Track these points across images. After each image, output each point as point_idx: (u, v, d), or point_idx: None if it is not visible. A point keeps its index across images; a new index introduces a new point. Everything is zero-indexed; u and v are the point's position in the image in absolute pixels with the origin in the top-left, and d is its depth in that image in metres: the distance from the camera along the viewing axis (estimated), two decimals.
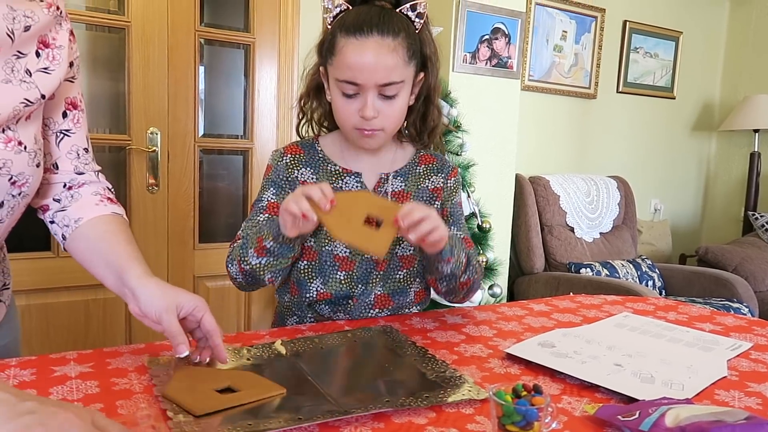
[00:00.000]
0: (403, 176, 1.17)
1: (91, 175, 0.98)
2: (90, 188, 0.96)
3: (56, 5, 0.88)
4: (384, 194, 1.15)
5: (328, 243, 1.13)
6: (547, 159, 3.49)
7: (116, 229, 0.93)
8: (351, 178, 1.14)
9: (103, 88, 2.30)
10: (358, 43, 0.99)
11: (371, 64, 1.00)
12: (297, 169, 1.14)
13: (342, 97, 1.05)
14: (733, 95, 4.18)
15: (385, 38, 1.00)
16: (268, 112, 2.53)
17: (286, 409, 0.73)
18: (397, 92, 1.04)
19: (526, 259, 3.13)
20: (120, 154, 2.29)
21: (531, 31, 3.30)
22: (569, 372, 0.87)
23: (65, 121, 0.94)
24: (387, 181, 1.16)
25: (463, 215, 1.24)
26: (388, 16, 1.02)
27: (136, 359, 0.88)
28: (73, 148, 0.95)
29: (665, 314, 1.28)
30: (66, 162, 0.95)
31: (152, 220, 2.32)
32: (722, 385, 0.87)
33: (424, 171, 1.19)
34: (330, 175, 1.14)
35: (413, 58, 1.04)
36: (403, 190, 1.16)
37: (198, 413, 0.70)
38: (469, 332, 1.09)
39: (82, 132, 0.96)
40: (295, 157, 1.15)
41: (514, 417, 0.62)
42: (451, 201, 1.20)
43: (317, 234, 1.12)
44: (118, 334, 2.29)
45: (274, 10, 2.47)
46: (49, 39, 0.87)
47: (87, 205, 0.94)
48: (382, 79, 1.01)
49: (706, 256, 3.40)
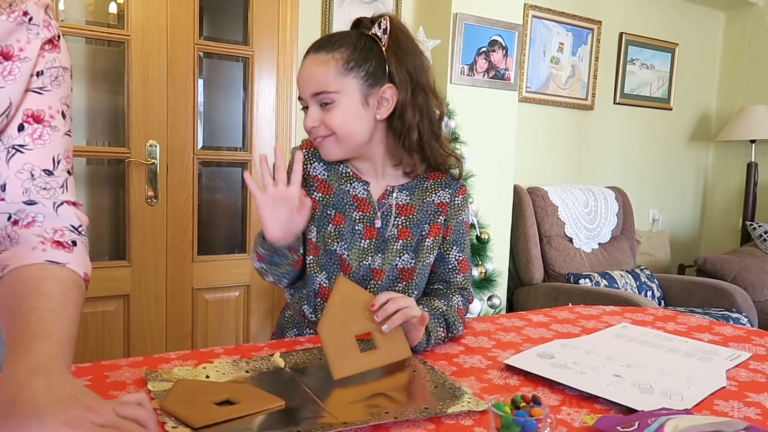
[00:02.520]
0: (409, 190, 1.18)
1: (45, 208, 0.77)
2: (35, 229, 0.75)
3: (23, 11, 0.74)
4: (388, 206, 1.16)
5: (331, 242, 1.14)
6: (545, 170, 3.50)
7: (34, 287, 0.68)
8: (359, 184, 1.16)
9: (103, 101, 2.31)
10: (307, 61, 1.11)
11: (306, 78, 1.09)
12: (311, 163, 1.16)
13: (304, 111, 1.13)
14: (729, 106, 4.20)
15: (318, 54, 1.08)
16: (266, 124, 2.54)
17: (284, 421, 0.73)
18: (333, 101, 1.07)
19: (525, 269, 3.13)
20: (119, 167, 2.30)
21: (528, 43, 3.33)
22: (568, 383, 0.87)
23: (20, 135, 0.76)
24: (392, 194, 1.17)
25: (466, 235, 1.23)
26: (339, 36, 1.11)
27: (134, 372, 0.88)
28: (26, 167, 0.76)
29: (664, 324, 1.28)
30: (15, 184, 0.76)
31: (151, 232, 2.32)
32: (721, 396, 0.87)
33: (431, 186, 1.20)
34: (340, 176, 1.16)
35: (353, 70, 1.07)
36: (408, 203, 1.17)
37: (197, 425, 0.69)
38: (467, 343, 1.09)
39: (43, 150, 0.78)
40: (309, 151, 1.17)
41: (513, 428, 0.62)
42: (455, 219, 1.20)
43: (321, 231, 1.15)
44: (117, 347, 2.28)
45: (273, 23, 2.49)
46: (14, 50, 0.74)
47: (21, 250, 0.72)
48: (314, 89, 1.08)
49: (705, 266, 3.40)
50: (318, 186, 1.16)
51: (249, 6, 2.46)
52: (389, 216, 1.16)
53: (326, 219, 1.15)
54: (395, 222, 1.16)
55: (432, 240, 1.17)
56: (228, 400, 0.77)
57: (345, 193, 1.16)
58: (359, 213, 1.15)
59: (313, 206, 1.14)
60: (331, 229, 1.15)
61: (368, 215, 1.15)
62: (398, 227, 1.16)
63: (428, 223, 1.17)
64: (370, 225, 1.15)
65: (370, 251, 1.15)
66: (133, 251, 2.29)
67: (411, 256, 1.16)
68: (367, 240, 1.15)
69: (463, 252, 1.21)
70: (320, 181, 1.16)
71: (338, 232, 1.15)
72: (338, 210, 1.15)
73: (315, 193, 1.16)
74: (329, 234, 1.15)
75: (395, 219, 1.16)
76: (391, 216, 1.16)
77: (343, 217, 1.15)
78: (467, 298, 1.20)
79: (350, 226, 1.15)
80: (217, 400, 0.77)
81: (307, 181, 1.16)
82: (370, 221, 1.15)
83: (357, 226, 1.15)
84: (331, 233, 1.14)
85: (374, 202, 1.16)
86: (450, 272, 1.20)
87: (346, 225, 1.15)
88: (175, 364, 0.92)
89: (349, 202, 1.15)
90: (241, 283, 2.53)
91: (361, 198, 1.16)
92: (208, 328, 2.47)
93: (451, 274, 1.20)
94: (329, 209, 1.15)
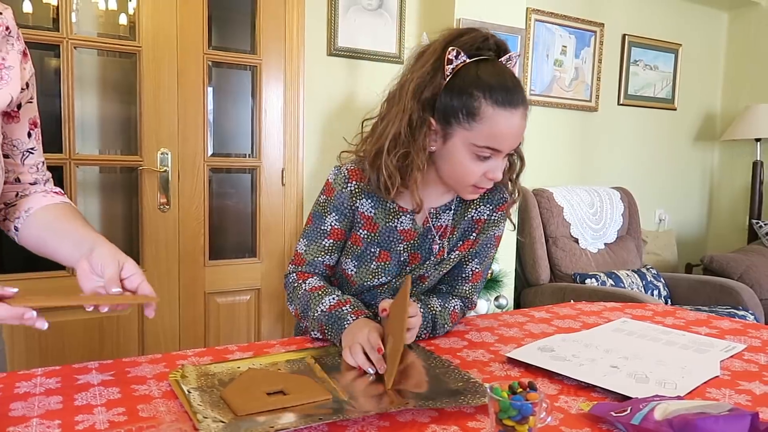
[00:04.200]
0: (451, 209, 1.17)
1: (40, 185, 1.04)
2: (38, 188, 1.03)
3: (5, 25, 0.91)
4: (432, 228, 1.16)
5: (371, 278, 1.17)
6: (550, 171, 3.53)
7: (67, 212, 0.99)
8: (405, 217, 1.14)
9: (115, 111, 2.37)
10: (509, 116, 1.00)
11: (515, 134, 1.02)
12: (359, 199, 1.14)
13: (473, 160, 1.04)
14: (734, 105, 4.21)
15: (521, 109, 1.02)
16: (275, 131, 2.59)
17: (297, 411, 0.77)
18: None
19: (531, 270, 3.16)
20: (132, 175, 2.36)
21: (531, 47, 3.37)
22: (567, 373, 0.91)
23: (30, 141, 1.01)
24: (436, 217, 1.17)
25: (493, 248, 1.22)
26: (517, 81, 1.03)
27: (153, 368, 0.92)
28: (35, 163, 1.03)
29: (663, 319, 1.31)
30: (27, 176, 1.02)
31: (164, 238, 2.38)
32: (714, 384, 0.91)
33: (474, 201, 1.17)
34: (387, 212, 1.14)
35: None
36: (452, 225, 1.17)
37: (240, 413, 0.74)
38: (471, 338, 1.13)
39: (40, 147, 1.04)
40: (359, 185, 1.13)
41: (510, 412, 0.66)
42: (486, 234, 1.18)
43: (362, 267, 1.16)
44: (132, 350, 2.34)
45: (280, 32, 2.55)
46: None
47: (34, 198, 1.01)
48: (516, 144, 1.05)
49: (711, 265, 3.42)
50: (364, 223, 1.14)
51: (256, 15, 2.52)
52: (432, 239, 1.16)
53: (370, 257, 1.16)
54: (439, 245, 1.17)
55: (458, 254, 1.18)
56: (282, 390, 0.82)
57: (392, 230, 1.14)
58: (404, 244, 1.15)
59: (357, 243, 1.15)
60: (374, 266, 1.16)
61: (413, 243, 1.16)
62: (439, 249, 1.16)
63: (462, 240, 1.18)
64: (415, 252, 1.17)
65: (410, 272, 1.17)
66: (147, 257, 2.35)
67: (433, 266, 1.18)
68: (410, 266, 1.17)
69: (482, 264, 1.20)
70: (367, 219, 1.14)
71: (382, 269, 1.16)
72: (384, 248, 1.15)
73: (361, 231, 1.15)
74: (372, 271, 1.16)
75: (439, 242, 1.16)
76: (435, 239, 1.16)
77: (390, 253, 1.16)
78: (467, 305, 1.21)
79: (396, 259, 1.16)
80: (271, 390, 0.81)
81: (354, 218, 1.15)
82: (415, 248, 1.16)
83: (402, 256, 1.16)
84: (374, 270, 1.16)
85: (419, 229, 1.16)
86: (461, 280, 1.20)
87: (392, 260, 1.16)
88: (191, 361, 0.97)
89: (396, 238, 1.15)
90: (252, 286, 2.58)
91: (407, 229, 1.15)
92: (220, 331, 2.52)
93: (460, 282, 1.20)
94: (373, 247, 1.15)
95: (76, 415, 0.75)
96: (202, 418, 0.72)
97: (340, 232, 1.16)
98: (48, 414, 0.75)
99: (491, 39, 1.04)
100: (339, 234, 1.16)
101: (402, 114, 1.05)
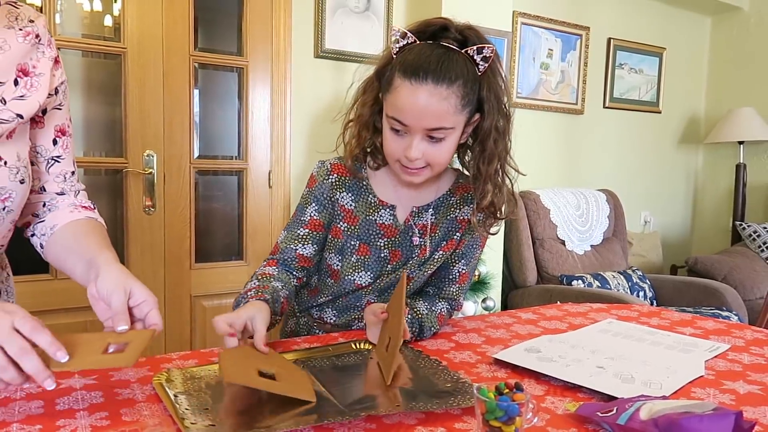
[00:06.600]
0: (435, 208, 1.18)
1: (69, 196, 1.01)
2: (66, 200, 1.00)
3: (35, 33, 0.91)
4: (413, 226, 1.17)
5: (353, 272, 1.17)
6: (536, 174, 3.55)
7: (88, 229, 0.96)
8: (386, 211, 1.16)
9: (100, 112, 2.35)
10: (412, 88, 0.99)
11: (420, 110, 1.00)
12: (339, 191, 1.16)
13: (390, 131, 1.06)
14: (717, 108, 4.26)
15: (438, 86, 0.98)
16: (261, 133, 2.58)
17: (283, 413, 0.76)
18: (445, 136, 1.03)
19: (518, 272, 3.17)
20: (117, 177, 2.34)
21: (517, 50, 3.38)
22: (553, 374, 0.91)
23: (56, 148, 0.98)
24: (418, 215, 1.17)
25: (478, 249, 1.22)
26: (447, 61, 1.00)
27: (137, 371, 0.91)
28: (62, 172, 1.00)
29: (648, 320, 1.32)
30: (53, 185, 0.99)
31: (149, 240, 2.36)
32: (699, 384, 0.91)
33: (456, 201, 1.19)
34: (368, 206, 1.16)
35: (467, 105, 1.03)
36: (433, 223, 1.18)
37: (227, 380, 0.76)
38: (458, 340, 1.13)
39: (70, 157, 1.01)
40: (340, 178, 1.16)
41: (497, 412, 0.66)
42: (471, 234, 1.19)
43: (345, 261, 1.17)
44: None
45: (266, 34, 2.54)
46: (29, 67, 0.90)
47: (61, 214, 0.98)
48: (430, 125, 1.01)
49: (696, 267, 3.45)
50: (344, 216, 1.16)
51: (243, 17, 2.51)
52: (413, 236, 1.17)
53: (350, 249, 1.16)
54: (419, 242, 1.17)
55: (442, 254, 1.18)
56: (273, 375, 0.81)
57: (371, 223, 1.16)
58: (385, 240, 1.16)
59: (337, 236, 1.16)
60: (355, 260, 1.17)
61: (394, 240, 1.17)
62: (420, 246, 1.17)
63: (446, 239, 1.18)
64: (395, 249, 1.17)
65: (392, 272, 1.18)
66: (132, 260, 2.33)
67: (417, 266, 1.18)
68: (392, 264, 1.18)
69: (468, 266, 1.21)
70: (347, 212, 1.16)
71: (362, 263, 1.17)
72: (363, 241, 1.16)
73: (341, 223, 1.16)
74: (352, 264, 1.17)
75: (419, 239, 1.17)
76: (415, 236, 1.17)
77: (369, 247, 1.16)
78: (454, 307, 1.21)
79: (376, 254, 1.17)
80: (264, 371, 0.81)
81: (335, 210, 1.17)
82: (396, 245, 1.17)
83: (383, 252, 1.17)
84: (354, 263, 1.17)
85: (400, 226, 1.17)
86: (447, 282, 1.21)
87: (372, 255, 1.16)
88: (176, 364, 0.96)
89: (375, 232, 1.16)
90: (239, 289, 2.55)
91: (388, 225, 1.16)
92: (206, 335, 2.51)
93: (447, 284, 1.21)
94: (353, 240, 1.16)
95: (58, 420, 0.74)
96: (189, 423, 0.72)
97: (318, 223, 1.17)
98: (29, 419, 0.74)
99: (453, 29, 1.05)
100: (317, 225, 1.17)
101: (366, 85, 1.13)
